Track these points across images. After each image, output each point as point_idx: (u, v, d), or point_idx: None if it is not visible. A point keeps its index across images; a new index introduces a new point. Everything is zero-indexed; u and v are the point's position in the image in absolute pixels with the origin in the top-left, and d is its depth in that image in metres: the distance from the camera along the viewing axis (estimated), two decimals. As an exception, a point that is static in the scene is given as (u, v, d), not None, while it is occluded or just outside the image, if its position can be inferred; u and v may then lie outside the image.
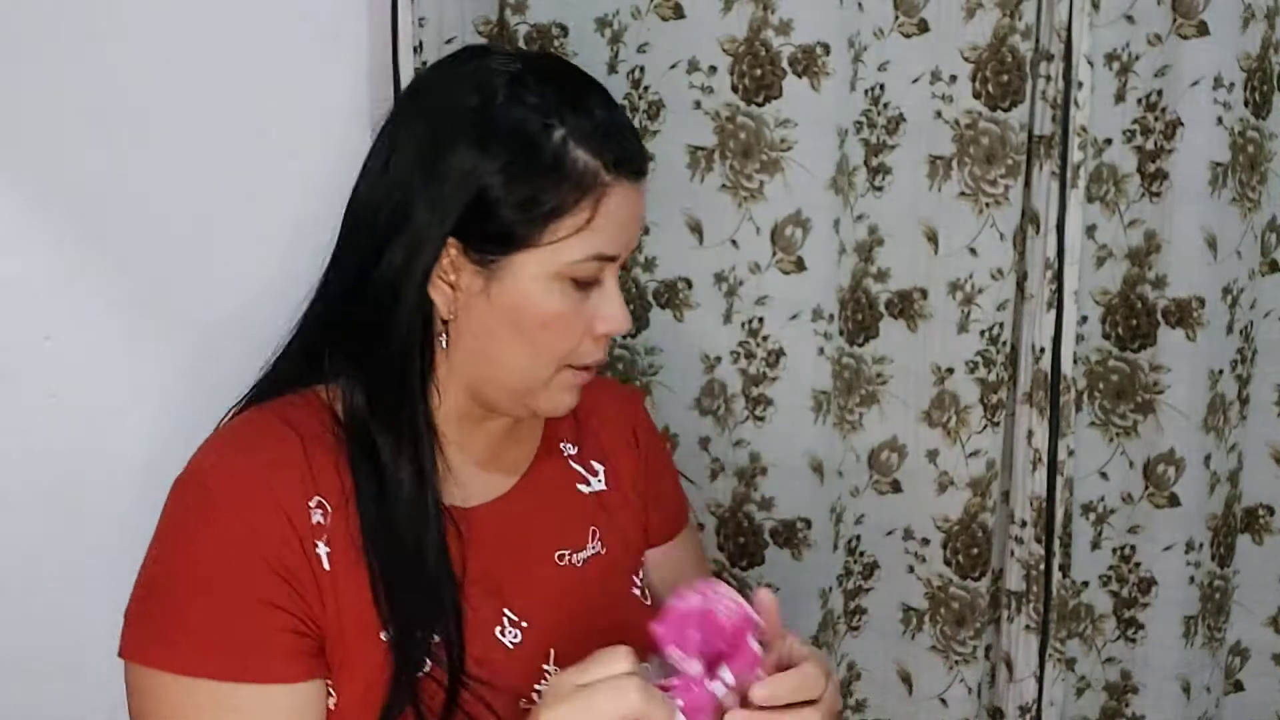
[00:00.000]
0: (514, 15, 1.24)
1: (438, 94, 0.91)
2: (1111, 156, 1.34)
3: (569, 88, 0.90)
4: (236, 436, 0.92)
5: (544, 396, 0.93)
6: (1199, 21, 1.30)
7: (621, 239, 0.90)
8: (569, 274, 0.88)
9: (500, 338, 0.90)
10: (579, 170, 0.87)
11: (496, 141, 0.87)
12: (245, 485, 0.86)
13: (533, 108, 0.88)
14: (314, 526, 0.86)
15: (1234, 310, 1.36)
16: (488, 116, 0.87)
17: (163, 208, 1.24)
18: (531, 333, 0.89)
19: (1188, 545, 1.39)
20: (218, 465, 0.88)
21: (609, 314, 0.91)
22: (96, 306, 1.24)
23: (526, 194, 0.86)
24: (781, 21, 1.27)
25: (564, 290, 0.89)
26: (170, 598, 0.85)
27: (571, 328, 0.90)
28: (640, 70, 1.28)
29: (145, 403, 1.26)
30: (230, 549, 0.84)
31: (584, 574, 0.99)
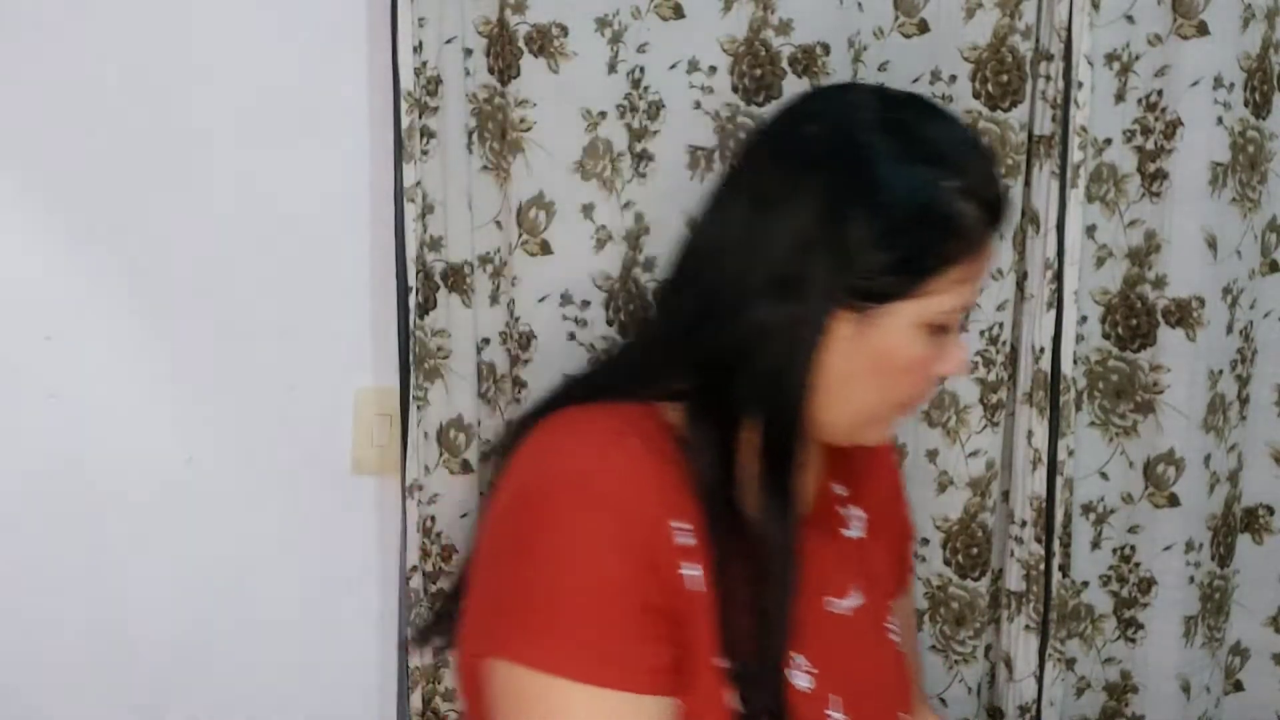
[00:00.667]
0: (514, 15, 1.24)
1: (815, 146, 0.89)
2: (1111, 156, 1.34)
3: (949, 134, 0.90)
4: (589, 442, 0.87)
5: (873, 431, 0.94)
6: (1199, 21, 1.30)
7: (976, 292, 0.91)
8: (937, 322, 0.88)
9: (859, 379, 0.89)
10: (967, 226, 0.87)
11: (889, 204, 0.85)
12: (626, 490, 0.83)
13: (923, 161, 0.87)
14: (679, 547, 0.84)
15: (1234, 310, 1.36)
16: (877, 176, 0.86)
17: (163, 208, 1.24)
18: (892, 376, 0.89)
19: (1188, 545, 1.39)
20: (581, 473, 0.84)
21: (953, 357, 0.92)
22: (96, 306, 1.24)
23: (915, 251, 0.86)
24: (781, 21, 1.27)
25: (926, 338, 0.89)
26: (552, 598, 0.81)
27: (927, 372, 0.91)
28: (640, 70, 1.28)
29: (145, 403, 1.26)
30: (616, 552, 0.81)
31: (850, 622, 0.97)
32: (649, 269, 1.32)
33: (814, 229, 0.86)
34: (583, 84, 1.26)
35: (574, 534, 0.81)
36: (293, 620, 1.35)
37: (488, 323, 1.30)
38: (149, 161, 1.23)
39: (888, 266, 0.86)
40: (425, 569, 1.31)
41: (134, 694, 1.31)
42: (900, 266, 0.86)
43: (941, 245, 0.86)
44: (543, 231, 1.28)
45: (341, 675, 1.37)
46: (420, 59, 1.24)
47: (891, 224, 0.85)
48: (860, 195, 0.86)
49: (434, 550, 1.32)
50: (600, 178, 1.29)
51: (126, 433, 1.26)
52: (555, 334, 1.29)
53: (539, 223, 1.28)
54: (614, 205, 1.30)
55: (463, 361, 1.30)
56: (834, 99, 0.96)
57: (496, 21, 1.26)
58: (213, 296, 1.28)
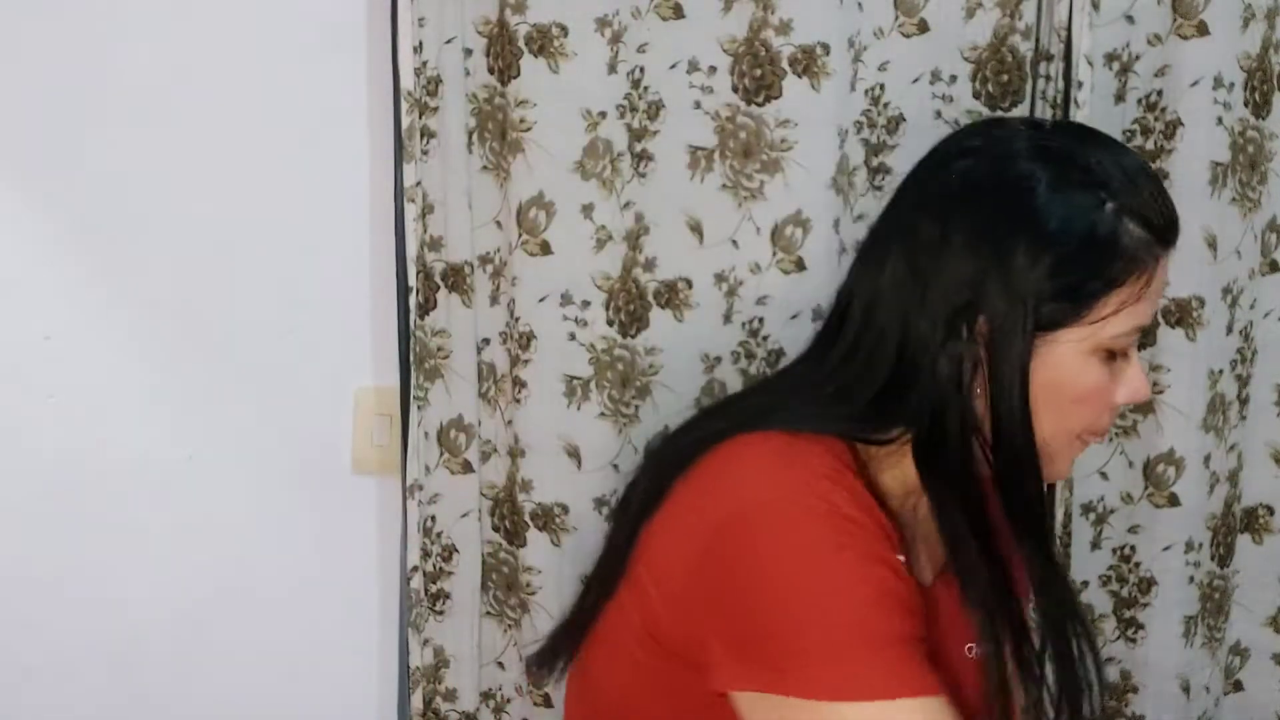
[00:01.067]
0: (514, 15, 1.24)
1: (970, 180, 0.90)
2: (1111, 156, 1.34)
3: (1112, 156, 0.89)
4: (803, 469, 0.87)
5: (1055, 465, 0.92)
6: (1199, 21, 1.30)
7: (1155, 308, 0.90)
8: (1109, 347, 0.87)
9: (1035, 411, 0.88)
10: (1133, 248, 0.86)
11: (1052, 233, 0.85)
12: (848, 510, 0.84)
13: (1081, 185, 0.86)
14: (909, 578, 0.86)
15: (1234, 310, 1.36)
16: (1037, 205, 0.86)
17: (162, 208, 1.24)
18: (1064, 406, 0.89)
19: (1187, 545, 1.39)
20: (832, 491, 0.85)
21: (1132, 383, 0.90)
22: (96, 306, 1.24)
23: (1080, 278, 0.86)
24: (781, 21, 1.27)
25: (1099, 363, 0.88)
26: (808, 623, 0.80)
27: (1099, 400, 0.89)
28: (640, 70, 1.28)
29: (145, 403, 1.26)
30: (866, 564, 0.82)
31: (976, 664, 0.94)
32: (649, 269, 1.32)
33: (979, 264, 0.86)
34: (583, 84, 1.26)
35: (817, 551, 0.81)
36: (292, 620, 1.34)
37: (488, 323, 1.30)
38: (149, 161, 1.23)
39: (1054, 294, 0.86)
40: (425, 569, 1.31)
41: (133, 693, 1.31)
42: (1067, 293, 0.86)
43: (1107, 269, 0.86)
44: (543, 231, 1.28)
45: (341, 675, 1.37)
46: (420, 59, 1.24)
47: (1055, 251, 0.85)
48: (1021, 225, 0.86)
49: (434, 550, 1.32)
50: (600, 178, 1.29)
51: (126, 432, 1.26)
52: (555, 334, 1.29)
53: (539, 223, 1.28)
54: (614, 205, 1.30)
55: (463, 361, 1.30)
56: (984, 133, 0.96)
57: (496, 21, 1.26)
58: (213, 296, 1.28)
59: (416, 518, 1.29)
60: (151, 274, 1.25)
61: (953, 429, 0.88)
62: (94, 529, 1.27)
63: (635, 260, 1.32)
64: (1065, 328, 0.87)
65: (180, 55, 1.23)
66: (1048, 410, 0.88)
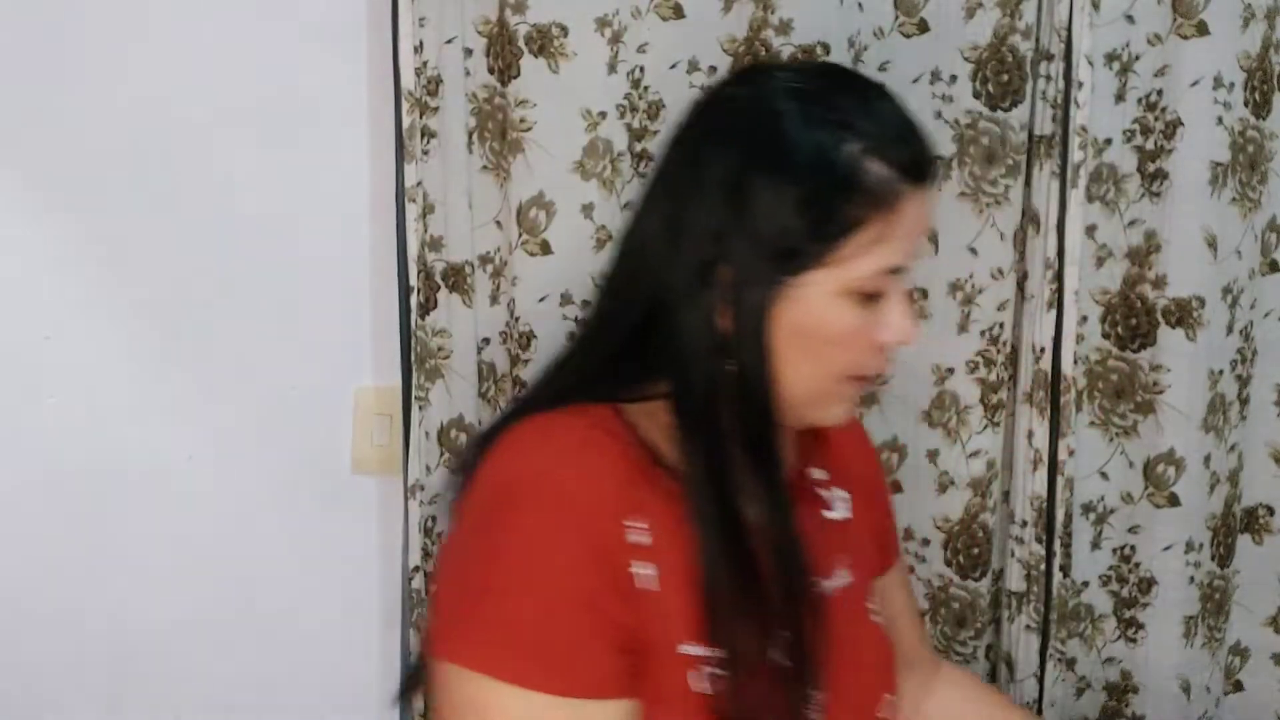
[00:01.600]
0: (514, 15, 1.24)
1: (729, 120, 0.89)
2: (1111, 156, 1.34)
3: (858, 97, 0.88)
4: (553, 442, 0.87)
5: (821, 409, 0.91)
6: (1199, 21, 1.30)
7: (911, 248, 0.88)
8: (858, 289, 0.86)
9: (791, 355, 0.87)
10: (871, 184, 0.84)
11: (795, 165, 0.84)
12: (581, 489, 0.83)
13: (824, 124, 0.85)
14: (630, 546, 0.83)
15: (1234, 310, 1.36)
16: (784, 139, 0.85)
17: (163, 208, 1.24)
18: (819, 349, 0.87)
19: (1188, 545, 1.39)
20: (536, 473, 0.84)
21: (893, 324, 0.88)
22: (96, 306, 1.24)
23: (821, 215, 0.84)
24: (781, 21, 1.27)
25: (852, 306, 0.86)
26: (500, 603, 0.81)
27: (858, 342, 0.88)
28: (640, 70, 1.28)
29: (145, 403, 1.26)
30: (566, 553, 0.81)
31: (835, 602, 0.95)
32: (649, 269, 1.32)
33: (723, 206, 0.85)
34: (583, 84, 1.26)
35: (525, 535, 0.81)
36: (292, 620, 1.34)
37: (488, 322, 1.31)
38: (149, 161, 1.23)
39: (795, 236, 0.84)
40: (426, 569, 1.31)
41: (133, 692, 1.31)
42: (809, 235, 0.84)
43: (847, 208, 0.84)
44: (543, 231, 1.28)
45: (341, 675, 1.37)
46: (420, 59, 1.24)
47: (794, 192, 0.84)
48: (762, 166, 0.84)
49: (435, 550, 1.32)
50: (600, 178, 1.29)
51: (126, 432, 1.26)
52: (555, 334, 1.29)
53: (539, 223, 1.28)
54: (614, 205, 1.30)
55: (463, 361, 1.30)
56: (741, 77, 0.95)
57: (496, 21, 1.26)
58: (213, 296, 1.28)
59: (417, 517, 1.29)
60: (151, 274, 1.25)
61: (699, 380, 0.87)
62: (94, 529, 1.27)
63: (635, 260, 1.32)
64: (810, 270, 0.85)
65: (181, 56, 1.23)
66: (803, 355, 0.87)
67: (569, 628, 0.80)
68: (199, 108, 1.24)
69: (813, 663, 0.87)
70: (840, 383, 0.90)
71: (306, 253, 1.30)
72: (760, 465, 0.88)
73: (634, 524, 0.83)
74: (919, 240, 0.89)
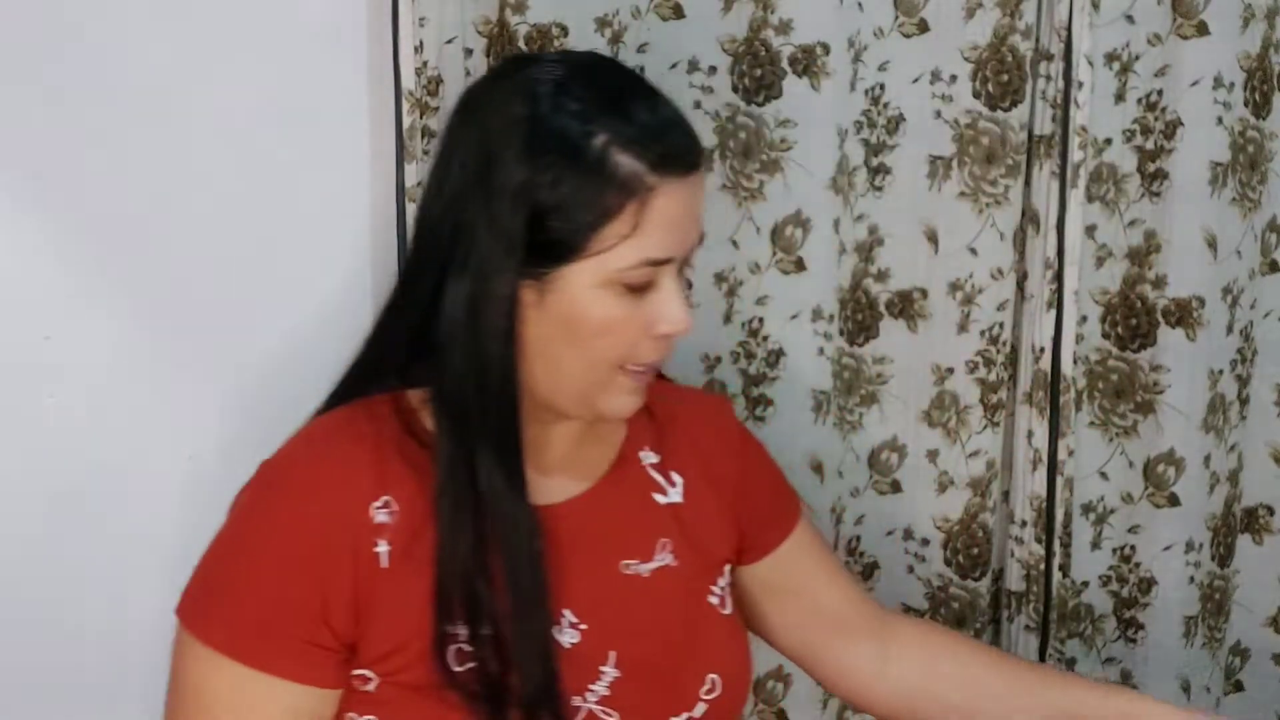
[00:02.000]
0: (514, 15, 1.24)
1: (486, 107, 0.90)
2: (1111, 156, 1.34)
3: (612, 90, 0.89)
4: (313, 435, 0.94)
5: (604, 400, 0.92)
6: (1199, 21, 1.30)
7: (672, 240, 0.88)
8: (620, 280, 0.86)
9: (557, 346, 0.88)
10: (620, 175, 0.85)
11: (542, 153, 0.85)
12: (309, 484, 0.89)
13: (574, 114, 0.86)
14: (375, 526, 0.87)
15: (1234, 310, 1.36)
16: (533, 127, 0.86)
17: (162, 207, 1.24)
18: (586, 340, 0.88)
19: (1188, 545, 1.39)
20: (289, 461, 0.91)
21: (667, 316, 0.89)
22: (96, 306, 1.24)
23: (571, 204, 0.85)
24: (781, 21, 1.27)
25: (617, 297, 0.87)
26: (224, 576, 0.89)
27: (627, 332, 0.89)
28: (640, 70, 1.28)
29: (145, 403, 1.26)
30: (283, 545, 0.87)
31: (650, 584, 0.98)
32: (649, 269, 1.32)
33: (472, 185, 0.87)
34: (583, 84, 1.26)
35: (263, 517, 0.89)
36: (293, 620, 1.34)
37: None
38: (149, 161, 1.23)
39: (546, 230, 0.85)
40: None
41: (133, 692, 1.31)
42: (560, 228, 0.85)
43: (596, 200, 0.85)
44: (543, 231, 1.28)
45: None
46: (420, 59, 1.24)
47: (540, 186, 0.85)
48: (513, 153, 0.86)
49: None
50: (600, 178, 1.29)
51: (127, 432, 1.26)
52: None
53: (539, 223, 1.28)
54: (614, 205, 1.30)
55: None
56: (516, 64, 0.97)
57: (496, 21, 1.26)
58: (213, 296, 1.27)
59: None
60: (151, 274, 1.25)
61: (452, 365, 0.89)
62: (94, 528, 1.27)
63: (635, 260, 1.32)
64: (568, 262, 0.86)
65: (181, 55, 1.23)
66: (569, 346, 0.88)
67: (280, 608, 0.86)
68: (199, 107, 1.24)
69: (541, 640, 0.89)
70: (616, 373, 0.91)
71: (307, 253, 1.30)
72: (502, 451, 0.89)
73: (382, 505, 0.88)
74: (685, 231, 0.90)
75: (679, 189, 0.87)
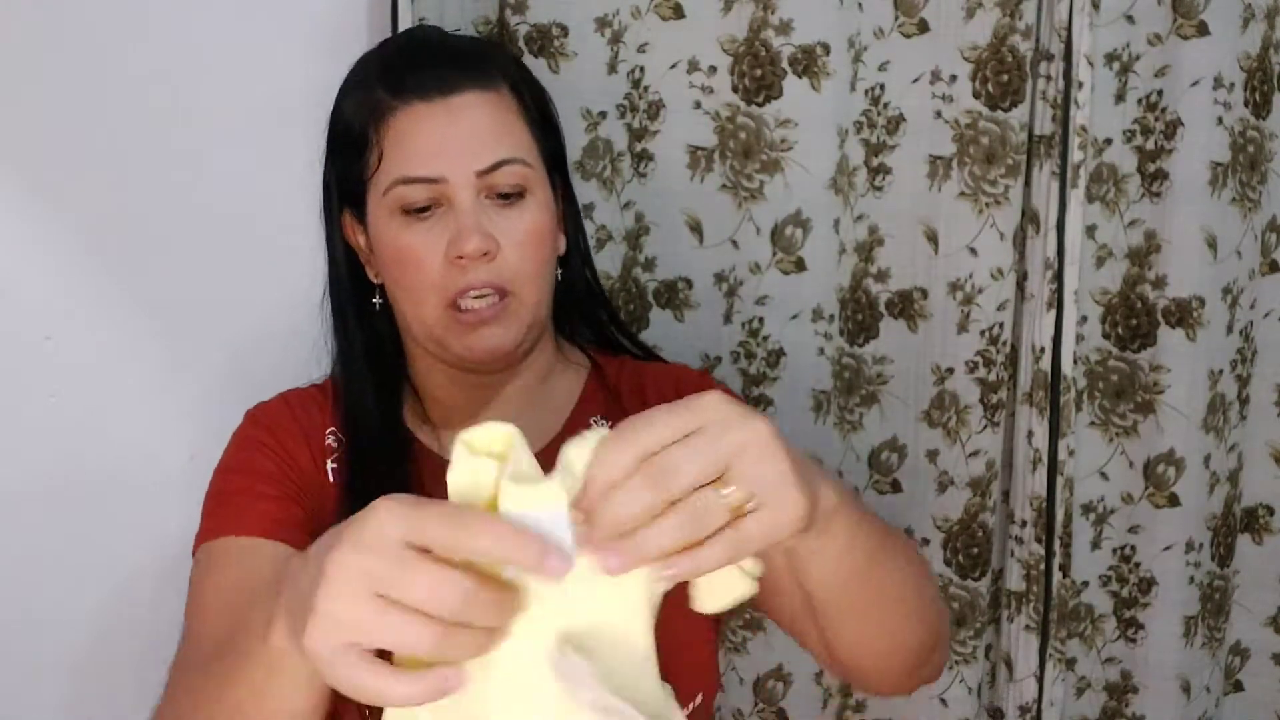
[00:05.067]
0: (514, 15, 1.24)
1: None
2: (1111, 156, 1.34)
3: (385, 44, 1.01)
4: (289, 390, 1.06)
5: (452, 341, 0.95)
6: (1199, 21, 1.30)
7: (426, 158, 0.92)
8: (396, 206, 0.92)
9: (391, 289, 0.97)
10: (355, 111, 0.95)
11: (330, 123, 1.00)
12: (278, 410, 1.02)
13: (351, 73, 0.99)
14: (327, 447, 0.99)
15: (1234, 310, 1.36)
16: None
17: (162, 208, 1.24)
18: (393, 273, 0.95)
19: (1188, 545, 1.39)
20: (271, 401, 1.04)
21: (455, 237, 0.92)
22: (96, 306, 1.24)
23: (338, 147, 0.97)
24: (781, 21, 1.27)
25: (402, 223, 0.93)
26: (211, 492, 0.98)
27: (421, 259, 0.93)
28: (640, 70, 1.28)
29: (145, 402, 1.26)
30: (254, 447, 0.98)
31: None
32: (649, 269, 1.32)
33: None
34: (583, 84, 1.26)
35: (235, 443, 1.00)
36: (293, 620, 1.34)
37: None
38: (150, 162, 1.23)
39: (339, 175, 0.97)
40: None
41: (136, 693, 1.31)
42: (347, 168, 0.96)
43: (345, 137, 0.96)
44: (543, 231, 1.28)
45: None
46: (420, 59, 1.24)
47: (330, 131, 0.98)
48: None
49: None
50: (600, 178, 1.29)
51: (127, 432, 1.26)
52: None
53: (539, 223, 1.28)
54: (614, 205, 1.30)
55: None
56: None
57: (496, 21, 1.26)
58: (214, 296, 1.28)
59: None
60: (151, 274, 1.25)
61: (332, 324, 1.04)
62: (95, 528, 1.27)
63: (635, 260, 1.32)
64: (366, 204, 0.96)
65: (181, 55, 1.23)
66: (395, 286, 0.96)
67: (251, 493, 0.94)
68: (200, 108, 1.24)
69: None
70: (447, 312, 0.94)
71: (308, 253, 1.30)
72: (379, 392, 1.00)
73: (332, 433, 1.00)
74: (443, 150, 0.93)
75: (425, 110, 0.93)
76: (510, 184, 0.94)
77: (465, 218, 0.92)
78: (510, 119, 0.96)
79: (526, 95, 0.98)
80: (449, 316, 0.93)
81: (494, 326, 0.94)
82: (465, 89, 0.93)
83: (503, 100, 0.95)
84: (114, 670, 1.30)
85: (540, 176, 0.97)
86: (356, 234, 0.99)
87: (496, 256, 0.93)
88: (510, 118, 0.96)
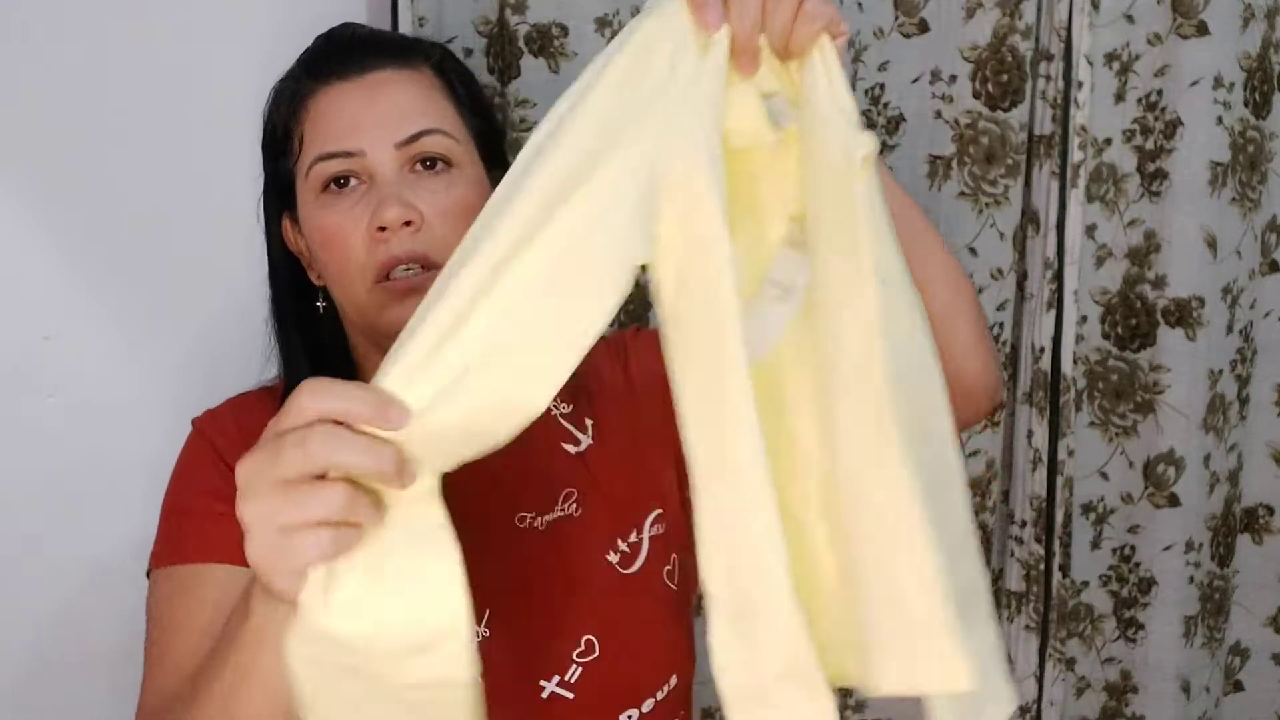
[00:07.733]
0: (514, 15, 1.24)
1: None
2: (1111, 156, 1.34)
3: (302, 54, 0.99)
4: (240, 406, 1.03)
5: (382, 319, 0.91)
6: (1199, 21, 1.30)
7: (339, 134, 0.91)
8: (318, 185, 0.92)
9: (324, 273, 0.96)
10: (279, 107, 0.96)
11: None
12: (224, 419, 0.99)
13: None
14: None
15: (1234, 310, 1.36)
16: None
17: (163, 208, 1.24)
18: (322, 258, 0.94)
19: (1187, 545, 1.39)
20: (215, 410, 1.02)
21: (374, 208, 0.90)
22: (96, 306, 1.24)
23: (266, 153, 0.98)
24: (781, 21, 1.27)
25: (324, 202, 0.92)
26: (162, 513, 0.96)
27: (346, 237, 0.91)
28: (640, 70, 1.28)
29: (145, 402, 1.26)
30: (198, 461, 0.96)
31: (544, 537, 0.94)
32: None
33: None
34: (583, 84, 1.26)
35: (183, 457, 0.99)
36: (293, 620, 1.34)
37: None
38: (150, 161, 1.23)
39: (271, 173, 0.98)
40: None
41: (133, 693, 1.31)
42: (273, 167, 0.97)
43: (269, 126, 0.97)
44: (543, 231, 1.28)
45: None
46: (420, 59, 1.24)
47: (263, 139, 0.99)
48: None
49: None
50: (600, 178, 1.29)
51: (127, 432, 1.26)
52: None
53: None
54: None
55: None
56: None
57: (496, 21, 1.26)
58: (214, 296, 1.27)
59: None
60: (151, 274, 1.25)
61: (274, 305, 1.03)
62: (95, 528, 1.27)
63: (635, 260, 1.32)
64: (296, 193, 0.95)
65: (181, 56, 1.23)
66: (326, 269, 0.95)
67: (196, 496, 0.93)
68: (199, 108, 1.24)
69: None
70: (377, 289, 0.91)
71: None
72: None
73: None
74: (359, 125, 0.92)
75: (342, 88, 0.92)
76: (433, 153, 0.92)
77: (385, 188, 0.90)
78: (433, 94, 0.94)
79: (453, 77, 0.97)
80: (379, 293, 0.90)
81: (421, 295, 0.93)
82: (385, 68, 0.92)
83: (424, 78, 0.94)
84: (114, 670, 1.30)
85: (468, 152, 0.95)
86: (297, 238, 0.98)
87: (421, 227, 0.90)
88: (433, 94, 0.94)
